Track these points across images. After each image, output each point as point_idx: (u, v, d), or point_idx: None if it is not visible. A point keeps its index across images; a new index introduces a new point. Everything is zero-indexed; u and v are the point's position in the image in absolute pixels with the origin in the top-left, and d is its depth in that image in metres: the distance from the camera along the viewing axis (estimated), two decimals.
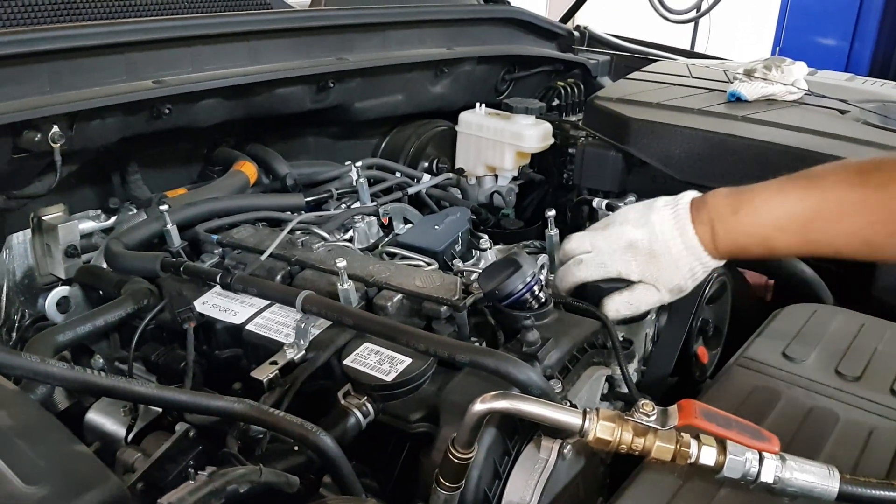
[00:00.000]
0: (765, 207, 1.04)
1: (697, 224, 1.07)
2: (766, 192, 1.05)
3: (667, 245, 1.08)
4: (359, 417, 0.91)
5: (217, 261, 1.28)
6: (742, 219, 1.05)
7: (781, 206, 1.03)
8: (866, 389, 1.00)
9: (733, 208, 1.06)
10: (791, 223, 1.02)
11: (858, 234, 0.98)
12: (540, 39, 2.37)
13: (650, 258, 1.09)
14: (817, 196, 1.01)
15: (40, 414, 0.69)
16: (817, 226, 1.01)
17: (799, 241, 1.03)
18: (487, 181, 1.98)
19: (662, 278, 1.09)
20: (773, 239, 1.03)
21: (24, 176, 1.25)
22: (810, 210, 1.01)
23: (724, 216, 1.06)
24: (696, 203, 1.09)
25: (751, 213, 1.04)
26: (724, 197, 1.08)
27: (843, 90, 1.90)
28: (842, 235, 0.99)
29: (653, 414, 0.75)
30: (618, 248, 1.11)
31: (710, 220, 1.07)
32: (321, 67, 1.63)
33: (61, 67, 1.23)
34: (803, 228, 1.01)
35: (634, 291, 1.11)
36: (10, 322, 1.32)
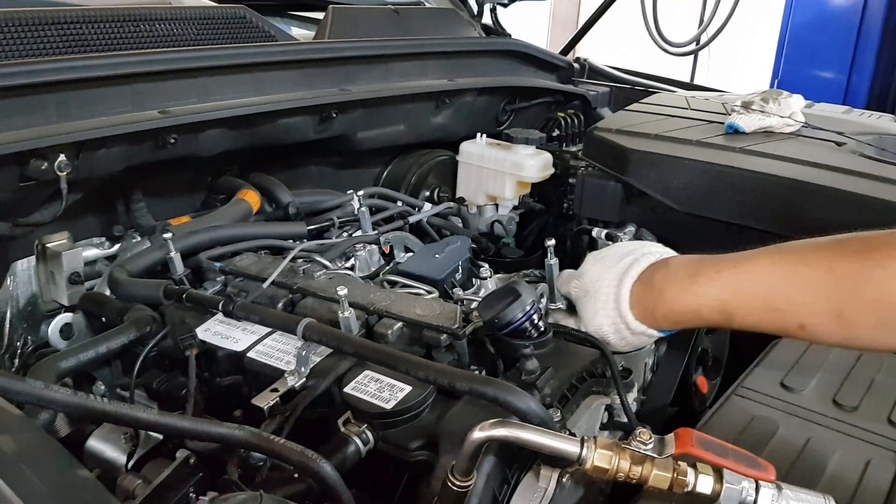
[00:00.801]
0: (727, 271, 0.98)
1: (640, 283, 1.05)
2: (733, 259, 1.00)
3: (600, 290, 1.09)
4: (358, 445, 0.91)
5: (219, 288, 1.29)
6: (700, 282, 1.00)
7: (746, 271, 0.97)
8: (863, 420, 1.00)
9: (692, 271, 1.02)
10: (754, 287, 0.95)
11: (829, 304, 0.89)
12: (540, 71, 2.41)
13: (583, 294, 1.12)
14: (787, 262, 0.94)
15: (43, 439, 0.69)
16: (783, 292, 0.93)
17: (761, 307, 0.95)
18: (488, 210, 2.00)
19: (584, 317, 1.12)
20: (732, 303, 0.97)
21: (29, 204, 1.26)
22: (777, 275, 0.94)
23: (679, 279, 1.02)
24: (657, 265, 1.07)
25: (712, 275, 0.99)
26: (686, 261, 1.06)
27: (839, 122, 1.92)
28: (810, 304, 0.91)
29: (650, 442, 0.76)
30: (576, 274, 1.15)
31: (659, 281, 1.04)
32: (324, 98, 1.65)
33: (69, 97, 1.25)
34: (766, 294, 0.94)
35: (569, 319, 1.16)
36: (12, 348, 1.32)
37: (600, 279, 1.10)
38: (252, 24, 1.69)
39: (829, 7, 4.51)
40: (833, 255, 0.91)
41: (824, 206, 1.45)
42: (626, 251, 1.13)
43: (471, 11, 2.56)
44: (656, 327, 1.07)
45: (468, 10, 2.56)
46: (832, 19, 4.50)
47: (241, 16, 1.67)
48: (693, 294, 1.01)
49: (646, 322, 1.06)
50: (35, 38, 1.32)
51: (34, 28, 1.32)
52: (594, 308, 1.10)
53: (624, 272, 1.08)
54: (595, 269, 1.13)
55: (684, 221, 1.62)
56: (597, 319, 1.10)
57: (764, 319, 0.97)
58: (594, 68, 2.67)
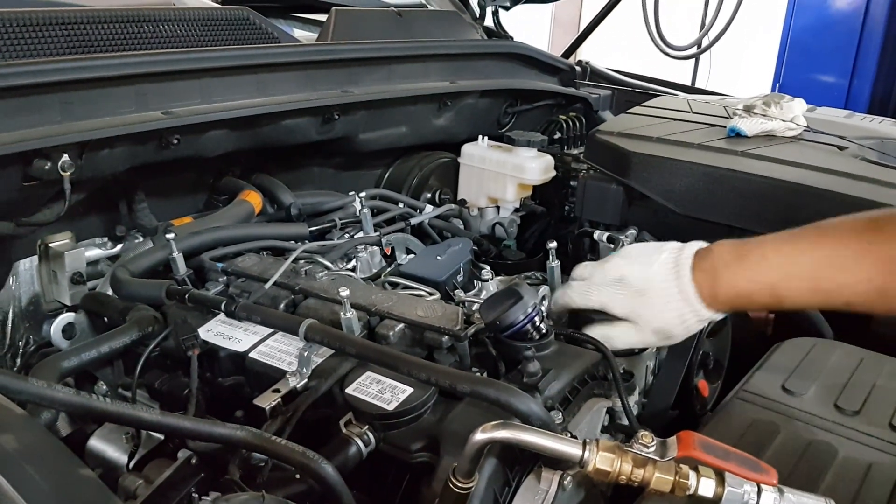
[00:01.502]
0: (773, 255, 1.01)
1: (698, 271, 1.05)
2: (774, 242, 1.02)
3: (658, 285, 1.07)
4: (360, 446, 0.92)
5: (222, 289, 1.29)
6: (748, 265, 1.02)
7: (790, 254, 1.00)
8: (865, 424, 1.00)
9: (739, 255, 1.03)
10: (800, 271, 0.99)
11: (871, 284, 0.94)
12: (542, 74, 2.41)
13: (637, 295, 1.08)
14: (828, 245, 0.98)
15: (46, 438, 0.69)
16: (828, 274, 0.97)
17: (808, 288, 0.99)
18: (489, 212, 2.00)
19: (645, 317, 1.08)
20: (781, 287, 1.00)
21: (33, 203, 1.26)
22: (820, 258, 0.98)
23: (729, 263, 1.04)
24: (702, 251, 1.08)
25: (758, 259, 1.02)
26: (731, 246, 1.06)
27: (841, 127, 1.93)
28: (853, 284, 0.95)
29: (652, 445, 0.76)
30: (607, 280, 1.11)
31: (714, 267, 1.04)
32: (327, 100, 1.65)
33: (72, 98, 1.25)
34: (813, 276, 0.98)
35: (614, 326, 1.11)
36: (14, 348, 1.32)
37: (649, 278, 1.08)
38: (255, 26, 1.69)
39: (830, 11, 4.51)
40: (871, 235, 0.95)
41: (826, 209, 1.42)
42: (657, 248, 1.11)
43: (473, 14, 2.57)
44: (719, 310, 1.07)
45: (470, 13, 2.56)
46: (834, 23, 4.50)
47: (244, 17, 1.67)
48: (744, 279, 1.03)
49: (712, 307, 1.06)
50: (39, 39, 1.32)
51: (39, 28, 1.32)
52: (657, 306, 1.07)
53: (674, 265, 1.07)
54: (633, 270, 1.09)
55: (686, 224, 1.62)
56: (664, 315, 1.07)
57: (812, 300, 1.02)
58: (596, 71, 2.67)
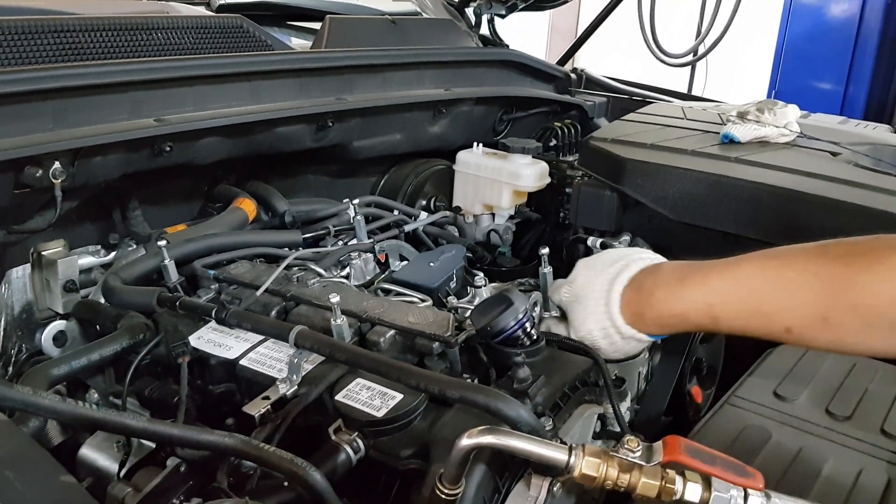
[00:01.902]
0: (715, 276, 0.99)
1: (632, 288, 1.06)
2: (719, 264, 1.01)
3: (589, 295, 1.09)
4: (349, 453, 0.91)
5: (213, 296, 1.29)
6: (688, 286, 1.01)
7: (733, 276, 0.98)
8: (856, 429, 1.00)
9: (681, 276, 1.03)
10: (740, 292, 0.96)
11: (813, 308, 0.90)
12: (538, 81, 2.41)
13: (574, 300, 1.12)
14: (773, 267, 0.96)
15: (30, 446, 0.69)
16: (769, 297, 0.94)
17: (747, 310, 0.96)
18: (484, 219, 2.00)
19: (574, 322, 1.12)
20: (718, 308, 0.98)
21: (24, 211, 1.27)
22: (763, 280, 0.95)
23: (668, 282, 1.03)
24: (647, 269, 1.08)
25: (700, 280, 1.00)
26: (676, 266, 1.06)
27: (835, 133, 1.92)
28: (795, 307, 0.91)
29: (638, 450, 0.75)
30: (567, 280, 1.15)
31: (651, 286, 1.04)
32: (321, 107, 1.65)
33: (65, 105, 1.26)
34: (753, 298, 0.95)
35: (557, 323, 1.16)
36: (6, 356, 1.32)
37: (590, 285, 1.11)
38: (249, 34, 1.70)
39: (826, 18, 4.53)
40: (818, 259, 0.92)
41: (819, 215, 1.44)
42: (615, 257, 1.13)
43: (468, 22, 2.57)
44: (646, 332, 1.07)
45: (466, 21, 2.57)
46: (829, 30, 4.51)
47: (238, 25, 1.68)
48: (681, 298, 1.01)
49: (635, 326, 1.06)
50: (33, 47, 1.33)
51: (32, 36, 1.33)
52: (584, 313, 1.10)
53: (614, 277, 1.09)
54: (585, 274, 1.13)
55: (680, 231, 1.62)
56: (587, 324, 1.10)
57: (751, 323, 0.97)
58: (591, 78, 2.68)
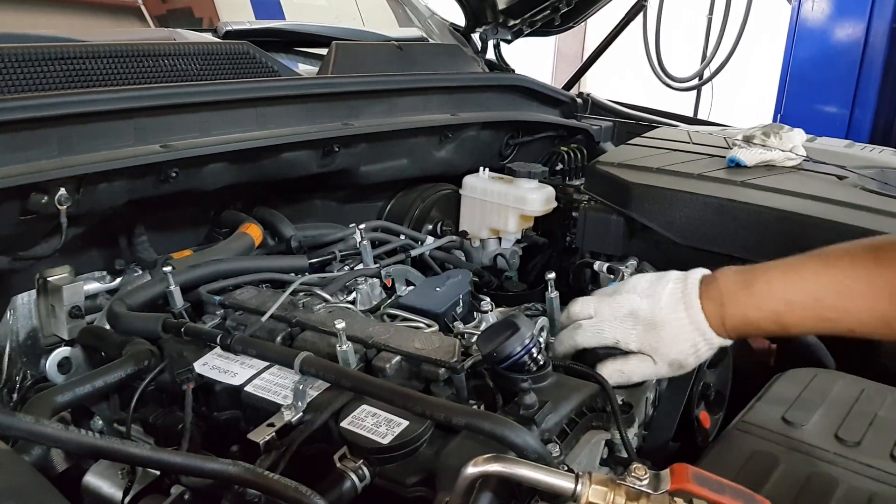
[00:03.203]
0: (777, 283, 1.02)
1: (706, 299, 1.06)
2: (778, 269, 1.04)
3: (669, 317, 1.07)
4: (354, 481, 0.90)
5: (219, 322, 1.29)
6: (754, 294, 1.03)
7: (794, 282, 1.01)
8: (866, 455, 0.99)
9: (744, 284, 1.05)
10: (804, 299, 1.00)
11: (874, 313, 0.96)
12: (544, 106, 2.42)
13: (650, 329, 1.08)
14: (831, 273, 0.99)
15: (31, 476, 0.68)
16: (831, 303, 0.99)
17: (812, 317, 1.00)
18: (491, 244, 2.00)
19: (660, 350, 1.08)
20: (786, 315, 1.01)
21: (30, 237, 1.27)
22: (823, 287, 0.99)
23: (734, 292, 1.05)
24: (707, 279, 1.09)
25: (763, 288, 1.03)
26: (735, 274, 1.07)
27: (841, 156, 1.92)
28: (856, 313, 0.97)
29: (645, 478, 0.74)
30: (618, 316, 1.11)
31: (720, 295, 1.05)
32: (327, 132, 1.66)
33: (70, 132, 1.26)
34: (817, 305, 0.99)
35: (629, 361, 1.11)
36: (11, 383, 1.32)
37: (659, 309, 1.08)
38: (255, 60, 1.71)
39: (831, 42, 4.53)
40: (873, 265, 0.96)
41: (826, 239, 1.41)
42: (656, 279, 1.12)
43: (474, 47, 2.59)
44: (728, 337, 1.08)
45: (472, 46, 2.58)
46: (834, 55, 4.51)
47: (244, 52, 1.69)
48: (750, 307, 1.04)
49: (721, 335, 1.07)
50: (39, 74, 1.33)
51: (38, 63, 1.33)
52: (671, 337, 1.07)
53: (682, 296, 1.08)
54: (642, 303, 1.10)
55: (686, 255, 1.62)
56: (678, 347, 1.08)
57: (817, 327, 1.03)
58: (597, 103, 2.69)
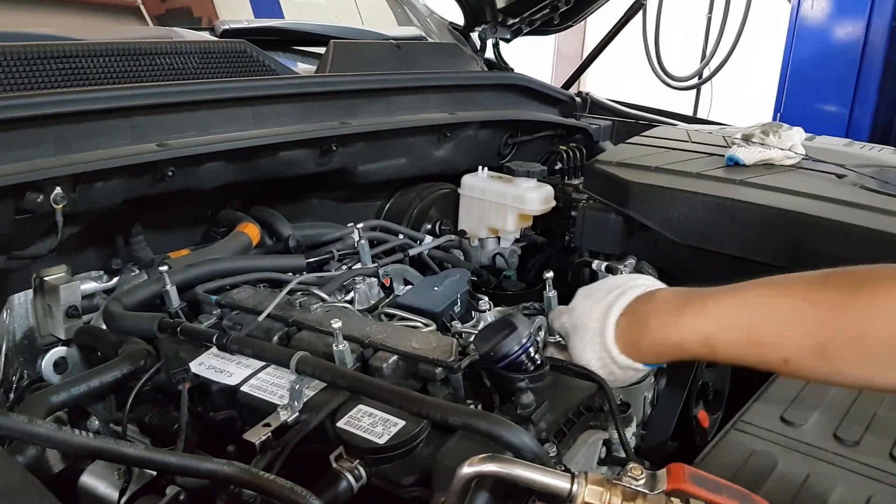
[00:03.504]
0: (713, 305, 0.98)
1: (626, 316, 1.05)
2: (718, 292, 0.99)
3: (587, 324, 1.09)
4: (350, 481, 0.90)
5: (215, 322, 1.29)
6: (685, 315, 1.00)
7: (732, 304, 0.96)
8: (865, 454, 0.98)
9: (678, 305, 1.01)
10: (738, 321, 0.95)
11: (812, 340, 0.88)
12: (542, 105, 2.42)
13: (572, 328, 1.12)
14: (772, 296, 0.93)
15: (23, 477, 0.68)
16: (767, 327, 0.92)
17: (745, 340, 0.94)
18: (490, 243, 1.99)
19: (573, 351, 1.12)
20: (715, 337, 0.96)
21: (26, 236, 1.26)
22: (762, 310, 0.93)
23: (665, 312, 1.02)
24: (643, 297, 1.07)
25: (696, 309, 0.99)
26: (673, 294, 1.05)
27: (840, 155, 1.92)
28: (793, 338, 0.89)
29: (641, 478, 0.74)
30: (567, 308, 1.15)
31: (646, 315, 1.04)
32: (325, 131, 1.66)
33: (66, 131, 1.26)
34: (751, 328, 0.93)
35: (562, 351, 1.16)
36: (7, 383, 1.32)
37: (588, 314, 1.10)
38: (253, 59, 1.70)
39: (830, 41, 4.53)
40: (818, 288, 0.90)
41: (825, 238, 1.44)
42: (614, 285, 1.12)
43: (474, 47, 2.59)
44: (641, 360, 1.06)
45: (471, 45, 2.58)
46: (834, 53, 4.51)
47: (241, 50, 1.68)
48: (677, 326, 1.00)
49: (630, 355, 1.05)
50: (35, 72, 1.33)
51: (35, 62, 1.33)
52: (582, 343, 1.10)
53: (609, 306, 1.08)
54: (584, 304, 1.12)
55: (685, 254, 1.62)
56: (585, 354, 1.09)
57: (748, 353, 0.95)
58: (596, 102, 2.69)
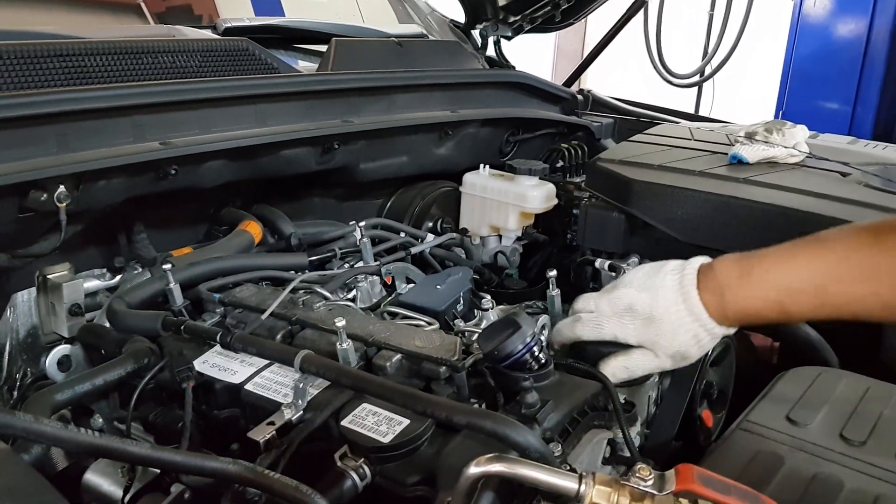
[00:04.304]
0: (776, 271, 1.02)
1: (703, 290, 1.05)
2: (775, 256, 1.03)
3: (668, 310, 1.07)
4: (355, 480, 0.90)
5: (218, 320, 1.29)
6: (753, 283, 1.03)
7: (793, 269, 1.01)
8: (871, 454, 0.98)
9: (743, 273, 1.04)
10: (805, 286, 1.00)
11: (878, 298, 0.96)
12: (544, 102, 2.41)
13: (649, 322, 1.08)
14: (829, 259, 0.99)
15: (30, 475, 0.68)
16: (832, 289, 0.98)
17: (814, 303, 1.00)
18: (491, 241, 1.99)
19: (661, 344, 1.08)
20: (787, 302, 1.01)
21: (29, 235, 1.26)
22: (823, 273, 0.99)
23: (733, 281, 1.04)
24: (704, 269, 1.08)
25: (761, 277, 1.02)
26: (733, 262, 1.06)
27: (844, 153, 1.91)
28: (858, 299, 0.97)
29: (650, 478, 0.74)
30: (617, 311, 1.11)
31: (719, 286, 1.05)
32: (327, 130, 1.65)
33: (69, 129, 1.26)
34: (818, 291, 0.99)
35: (631, 356, 1.10)
36: (11, 380, 1.31)
37: (658, 302, 1.08)
38: (255, 57, 1.70)
39: (833, 38, 4.53)
40: (873, 252, 0.96)
41: None
42: (653, 271, 1.12)
43: (475, 44, 2.58)
44: (729, 327, 1.08)
45: (472, 43, 2.58)
46: (836, 51, 4.51)
47: (243, 48, 1.68)
48: (751, 296, 1.04)
49: (722, 324, 1.07)
50: (38, 71, 1.33)
51: (37, 60, 1.33)
52: (671, 330, 1.07)
53: (680, 287, 1.07)
54: (641, 297, 1.09)
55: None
56: (679, 339, 1.07)
57: (820, 313, 1.02)
58: (598, 99, 2.68)
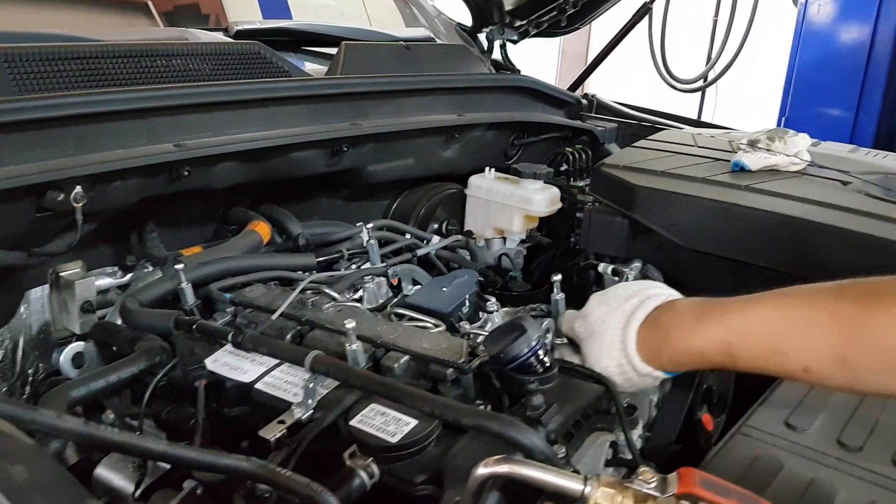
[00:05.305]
0: (733, 315, 1.00)
1: (647, 325, 1.07)
2: (737, 302, 1.01)
3: (605, 333, 1.10)
4: (364, 479, 0.92)
5: (229, 319, 1.31)
6: (705, 324, 1.02)
7: (751, 313, 0.98)
8: (868, 460, 1.00)
9: (698, 314, 1.04)
10: (758, 330, 0.97)
11: (832, 350, 0.90)
12: (549, 107, 2.43)
13: (588, 335, 1.13)
14: (791, 306, 0.96)
15: (56, 470, 0.70)
16: (786, 336, 0.94)
17: (765, 349, 0.96)
18: (496, 244, 2.01)
19: (589, 357, 1.13)
20: (736, 346, 0.99)
21: (45, 234, 1.29)
22: (781, 319, 0.95)
23: (685, 322, 1.04)
24: (663, 307, 1.09)
25: (717, 319, 1.01)
26: (692, 304, 1.07)
27: (845, 161, 1.93)
28: (813, 348, 0.92)
29: (652, 481, 0.76)
30: (580, 314, 1.17)
31: (667, 324, 1.06)
32: (336, 132, 1.67)
33: (86, 131, 1.28)
34: (771, 337, 0.96)
35: (573, 354, 1.18)
36: (24, 376, 1.34)
37: (605, 320, 1.11)
38: (266, 60, 1.72)
39: (836, 46, 4.54)
40: (836, 299, 0.92)
41: (829, 245, 1.45)
42: (630, 292, 1.14)
43: (481, 47, 2.61)
44: (661, 369, 1.08)
45: (478, 47, 2.60)
46: (839, 58, 4.52)
47: (255, 52, 1.70)
48: (699, 336, 1.02)
49: (651, 363, 1.07)
50: (54, 73, 1.35)
51: (54, 63, 1.35)
52: (599, 349, 1.11)
53: (630, 314, 1.09)
54: (600, 310, 1.13)
55: (690, 258, 1.63)
56: (602, 361, 1.10)
57: (768, 362, 0.98)
58: (602, 104, 2.70)
